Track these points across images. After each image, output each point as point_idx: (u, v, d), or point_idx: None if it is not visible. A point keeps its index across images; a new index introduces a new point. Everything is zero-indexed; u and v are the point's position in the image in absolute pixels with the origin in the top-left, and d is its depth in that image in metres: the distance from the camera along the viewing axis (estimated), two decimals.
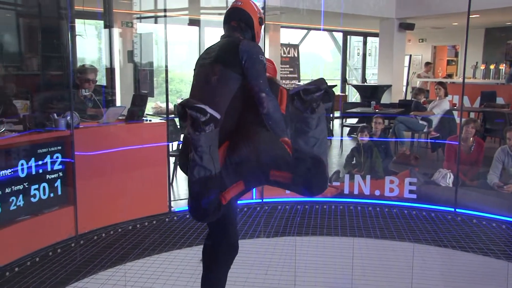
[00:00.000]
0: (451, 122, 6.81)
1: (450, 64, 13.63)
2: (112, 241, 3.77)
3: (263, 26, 2.54)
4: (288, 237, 3.98)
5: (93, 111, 4.19)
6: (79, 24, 6.01)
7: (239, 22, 2.41)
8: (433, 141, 6.84)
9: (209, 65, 2.27)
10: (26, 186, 3.43)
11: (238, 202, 4.66)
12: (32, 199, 3.48)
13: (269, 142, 2.13)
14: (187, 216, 4.29)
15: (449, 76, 11.86)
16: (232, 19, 2.43)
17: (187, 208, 2.31)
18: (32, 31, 5.05)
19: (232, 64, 2.19)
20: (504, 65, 10.46)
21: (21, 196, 3.39)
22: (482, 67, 10.94)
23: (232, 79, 2.18)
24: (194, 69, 2.42)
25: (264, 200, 4.70)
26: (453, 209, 4.43)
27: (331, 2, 7.96)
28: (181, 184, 5.52)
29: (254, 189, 4.70)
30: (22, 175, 3.38)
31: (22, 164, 3.38)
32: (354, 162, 5.37)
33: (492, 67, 10.60)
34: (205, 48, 2.47)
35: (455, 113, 7.03)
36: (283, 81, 11.46)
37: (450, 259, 3.61)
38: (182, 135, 2.79)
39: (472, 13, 4.86)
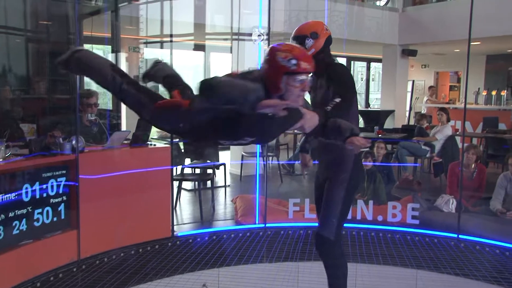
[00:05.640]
0: (453, 148, 6.83)
1: (452, 89, 13.71)
2: (114, 265, 3.76)
3: None
4: (290, 263, 3.97)
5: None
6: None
7: None
8: (435, 166, 6.84)
9: None
10: (30, 210, 3.44)
11: (242, 226, 4.68)
12: (35, 223, 3.49)
13: None
14: (190, 240, 4.30)
15: (451, 101, 11.92)
16: None
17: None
18: (41, 55, 5.16)
19: None
20: (505, 91, 10.53)
21: (24, 220, 3.40)
22: (484, 93, 11.00)
23: None
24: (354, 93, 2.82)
25: (267, 225, 4.70)
26: (456, 235, 4.41)
27: (333, 28, 8.04)
28: (184, 208, 5.53)
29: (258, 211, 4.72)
30: (26, 199, 3.40)
31: (26, 188, 3.41)
32: None
33: (493, 93, 10.65)
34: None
35: (458, 138, 7.05)
36: None
37: (452, 286, 3.59)
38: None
39: (473, 40, 4.93)
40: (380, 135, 7.24)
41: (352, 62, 12.97)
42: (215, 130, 2.05)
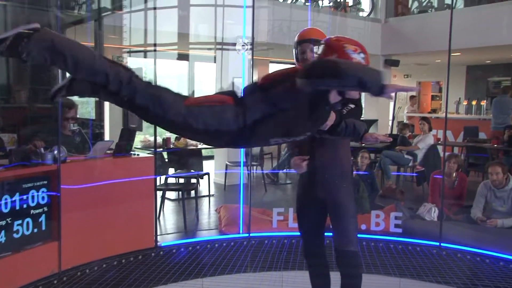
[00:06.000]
0: (435, 157, 6.92)
1: (434, 99, 13.92)
2: (96, 277, 3.71)
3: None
4: (275, 272, 3.96)
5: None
6: None
7: None
8: (417, 174, 6.93)
9: None
10: (9, 222, 3.38)
11: (226, 236, 4.67)
12: (15, 235, 3.43)
13: None
14: (174, 251, 4.27)
15: (434, 111, 12.12)
16: None
17: None
18: (22, 64, 5.10)
19: None
20: (485, 101, 10.75)
21: (3, 232, 3.34)
22: (465, 102, 11.22)
23: None
24: None
25: (251, 235, 4.69)
26: (438, 243, 4.46)
27: None
28: (168, 218, 5.49)
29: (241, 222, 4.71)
30: (5, 210, 3.35)
31: (5, 199, 3.35)
32: None
33: (474, 103, 10.87)
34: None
35: (439, 147, 7.16)
36: None
37: None
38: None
39: (453, 51, 5.03)
40: (363, 144, 7.30)
41: None
42: (280, 123, 1.75)
